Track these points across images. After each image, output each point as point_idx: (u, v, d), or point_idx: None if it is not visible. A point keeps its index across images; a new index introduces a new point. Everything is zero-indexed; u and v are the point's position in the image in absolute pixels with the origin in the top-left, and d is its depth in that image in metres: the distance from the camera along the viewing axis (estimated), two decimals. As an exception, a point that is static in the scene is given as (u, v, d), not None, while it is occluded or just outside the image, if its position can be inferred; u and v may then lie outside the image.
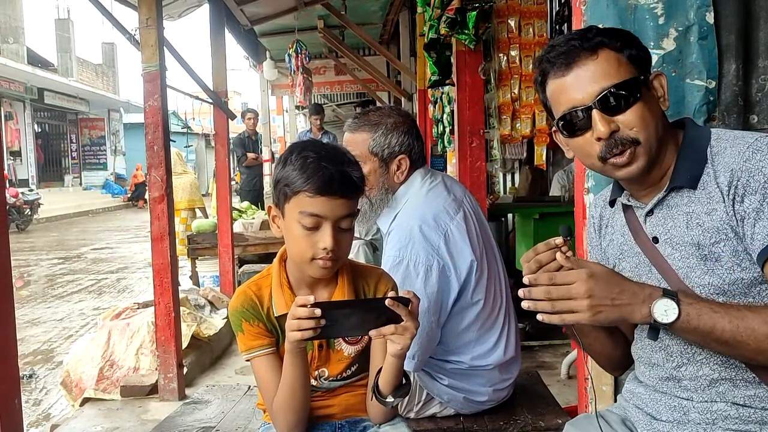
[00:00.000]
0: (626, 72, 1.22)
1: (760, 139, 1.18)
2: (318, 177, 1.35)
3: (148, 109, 3.39)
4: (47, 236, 14.43)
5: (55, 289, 8.01)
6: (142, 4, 3.34)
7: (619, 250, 1.38)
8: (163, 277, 3.38)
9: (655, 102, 1.26)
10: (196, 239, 6.32)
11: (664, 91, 1.27)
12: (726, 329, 1.12)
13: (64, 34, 25.09)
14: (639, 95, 1.22)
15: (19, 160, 21.65)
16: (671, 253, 1.26)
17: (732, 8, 1.71)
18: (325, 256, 1.38)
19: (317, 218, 1.37)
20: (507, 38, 3.92)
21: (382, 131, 2.01)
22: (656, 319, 1.13)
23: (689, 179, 1.23)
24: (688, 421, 1.25)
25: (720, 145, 1.22)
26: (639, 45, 1.27)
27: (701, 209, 1.22)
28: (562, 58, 1.24)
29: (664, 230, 1.28)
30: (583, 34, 1.25)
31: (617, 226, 1.40)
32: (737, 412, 1.21)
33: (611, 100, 1.21)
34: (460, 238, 1.93)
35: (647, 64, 1.27)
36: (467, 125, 3.83)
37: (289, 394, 1.44)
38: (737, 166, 1.17)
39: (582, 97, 1.23)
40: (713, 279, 1.20)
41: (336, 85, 12.26)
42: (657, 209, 1.29)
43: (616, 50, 1.23)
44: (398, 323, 1.31)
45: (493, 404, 2.08)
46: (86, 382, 3.58)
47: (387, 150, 2.01)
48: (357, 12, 8.14)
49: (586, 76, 1.23)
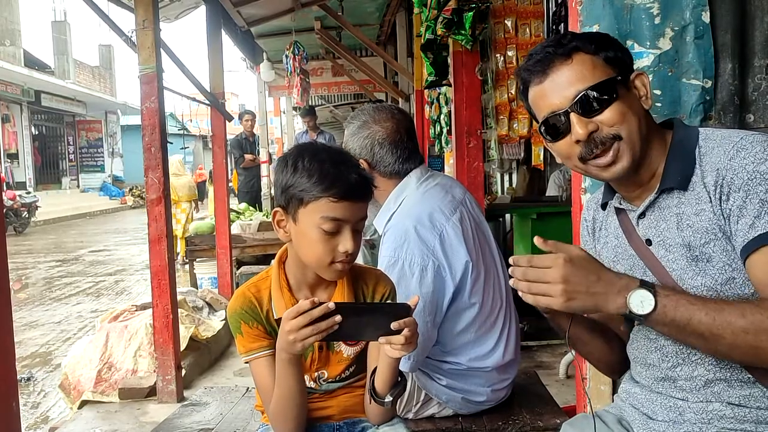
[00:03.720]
0: (602, 73, 1.23)
1: (745, 137, 1.18)
2: (342, 182, 1.37)
3: (145, 111, 3.39)
4: (45, 239, 14.41)
5: (53, 291, 8.00)
6: (139, 6, 3.34)
7: (613, 252, 1.38)
8: (161, 279, 3.38)
9: (636, 101, 1.26)
10: (194, 241, 6.31)
11: (646, 90, 1.27)
12: (702, 321, 1.10)
13: (61, 37, 25.06)
14: (616, 95, 1.23)
15: (16, 162, 21.63)
16: (664, 254, 1.26)
17: (728, 7, 1.71)
18: (345, 259, 1.40)
19: (339, 222, 1.38)
20: (504, 38, 3.92)
21: (350, 131, 2.06)
22: (631, 310, 1.11)
23: (679, 180, 1.23)
24: (684, 421, 1.25)
25: (708, 145, 1.23)
26: (617, 46, 1.27)
27: (690, 210, 1.22)
28: (539, 66, 1.26)
29: (656, 232, 1.28)
30: (558, 40, 1.27)
31: (611, 229, 1.40)
32: (732, 412, 1.21)
33: (588, 102, 1.22)
34: (455, 239, 1.93)
35: (626, 65, 1.27)
36: (464, 126, 3.83)
37: (286, 404, 1.44)
38: (722, 165, 1.18)
39: (560, 102, 1.24)
40: (705, 280, 1.20)
41: (333, 86, 12.26)
42: (649, 211, 1.29)
43: (591, 53, 1.24)
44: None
45: (491, 404, 2.08)
46: (84, 385, 3.58)
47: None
48: (354, 13, 8.14)
49: (562, 81, 1.24)
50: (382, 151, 2.01)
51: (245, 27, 7.45)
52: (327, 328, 1.28)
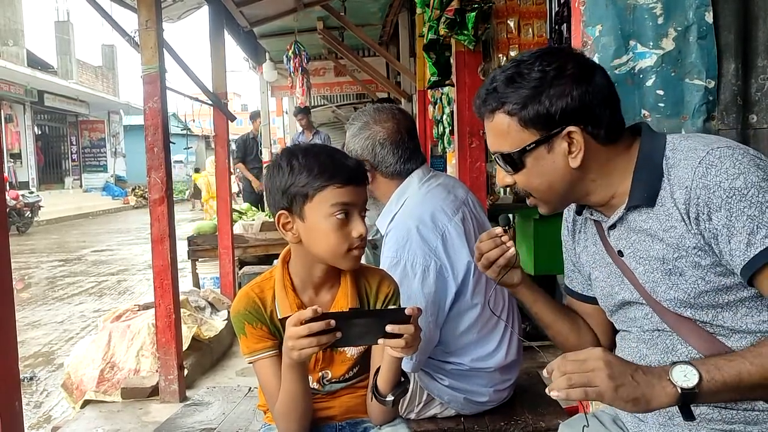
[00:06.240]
0: (513, 141, 1.24)
1: (712, 152, 1.16)
2: (343, 168, 1.41)
3: (148, 111, 3.39)
4: (47, 238, 14.43)
5: (56, 291, 8.01)
6: (142, 6, 3.35)
7: (592, 258, 1.39)
8: (164, 279, 3.38)
9: (561, 159, 1.23)
10: (197, 241, 6.31)
11: (580, 147, 1.21)
12: (752, 372, 1.09)
13: (64, 37, 25.11)
14: (523, 165, 1.25)
15: (19, 162, 21.66)
16: (636, 266, 1.27)
17: (731, 8, 1.71)
18: (360, 243, 1.42)
19: (348, 207, 1.40)
20: (506, 39, 3.91)
21: (351, 133, 2.07)
22: (681, 387, 1.08)
23: (646, 198, 1.22)
24: (674, 425, 1.26)
25: (675, 156, 1.21)
26: (548, 100, 1.20)
27: (659, 226, 1.21)
28: (477, 112, 1.31)
29: (627, 244, 1.28)
30: (487, 95, 1.26)
31: (589, 234, 1.41)
32: (720, 414, 1.21)
33: (502, 162, 1.27)
34: (458, 239, 1.93)
35: (553, 121, 1.20)
36: (467, 126, 3.83)
37: (292, 407, 1.44)
38: (693, 183, 1.15)
39: (491, 148, 1.31)
40: (678, 294, 1.20)
41: (335, 86, 12.27)
42: (618, 224, 1.29)
43: (510, 114, 1.23)
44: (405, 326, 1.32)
45: (493, 405, 2.08)
46: (87, 384, 3.58)
47: (353, 154, 2.03)
48: (356, 13, 8.15)
49: (489, 133, 1.29)
50: (384, 152, 2.01)
51: (248, 27, 7.46)
52: (326, 342, 1.28)
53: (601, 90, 1.22)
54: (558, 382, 1.08)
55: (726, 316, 1.19)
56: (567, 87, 1.20)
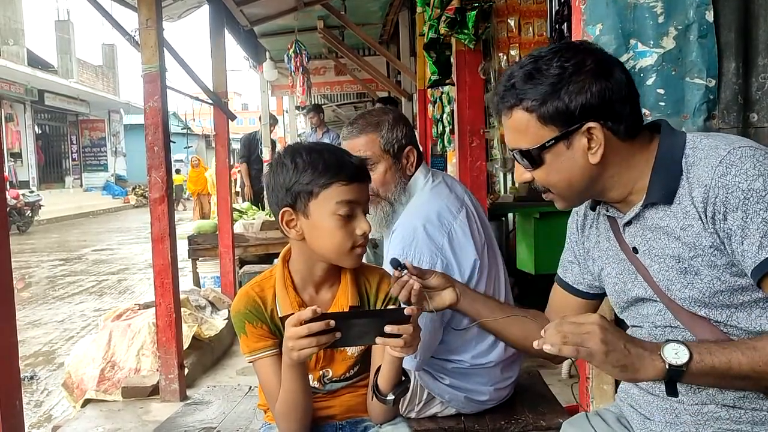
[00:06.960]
0: (533, 138, 1.23)
1: (733, 151, 1.15)
2: (348, 166, 1.41)
3: (148, 110, 3.39)
4: (48, 238, 14.44)
5: (56, 290, 8.02)
6: (142, 5, 3.35)
7: (605, 254, 1.39)
8: (164, 278, 3.38)
9: (580, 155, 1.22)
10: (197, 240, 6.31)
11: (600, 142, 1.20)
12: (743, 362, 1.11)
13: (64, 36, 25.12)
14: (542, 161, 1.24)
15: (19, 161, 21.68)
16: (650, 264, 1.26)
17: (731, 6, 1.71)
18: (363, 241, 1.42)
19: (353, 205, 1.40)
20: (507, 38, 3.91)
21: (387, 128, 2.02)
22: (670, 363, 1.11)
23: (664, 195, 1.22)
24: (680, 422, 1.26)
25: (695, 155, 1.20)
26: (567, 96, 1.19)
27: (677, 224, 1.21)
28: (494, 109, 1.31)
29: (642, 241, 1.28)
30: (505, 91, 1.25)
31: (602, 230, 1.40)
32: (728, 414, 1.21)
33: (521, 158, 1.27)
34: (463, 237, 1.93)
35: (572, 117, 1.19)
36: (467, 125, 3.83)
37: (292, 406, 1.44)
38: (712, 182, 1.15)
39: (509, 145, 1.31)
40: (693, 292, 1.20)
41: (336, 85, 12.24)
42: (634, 221, 1.29)
43: (529, 111, 1.22)
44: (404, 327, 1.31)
45: (494, 403, 2.08)
46: (87, 384, 3.58)
47: (397, 145, 2.02)
48: (357, 12, 8.15)
49: (507, 129, 1.29)
50: None
51: (248, 26, 7.46)
52: (326, 342, 1.28)
53: (620, 85, 1.21)
54: (552, 337, 1.12)
55: (740, 316, 1.19)
56: (586, 83, 1.18)
